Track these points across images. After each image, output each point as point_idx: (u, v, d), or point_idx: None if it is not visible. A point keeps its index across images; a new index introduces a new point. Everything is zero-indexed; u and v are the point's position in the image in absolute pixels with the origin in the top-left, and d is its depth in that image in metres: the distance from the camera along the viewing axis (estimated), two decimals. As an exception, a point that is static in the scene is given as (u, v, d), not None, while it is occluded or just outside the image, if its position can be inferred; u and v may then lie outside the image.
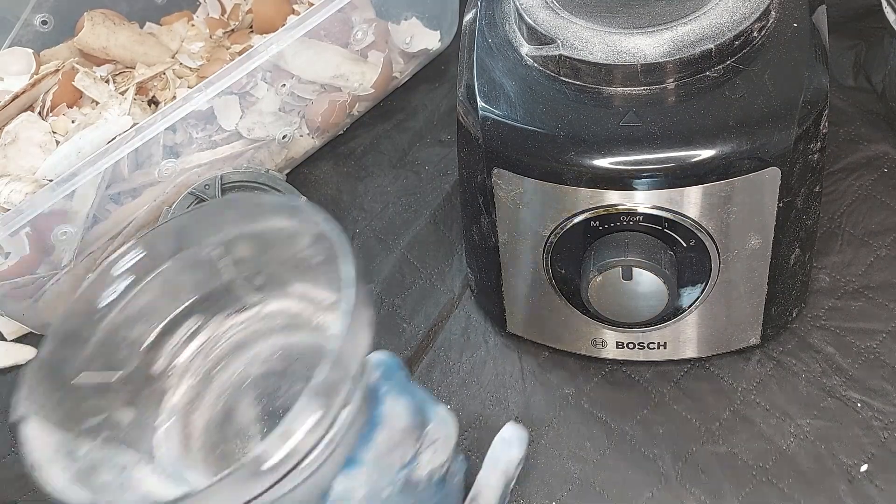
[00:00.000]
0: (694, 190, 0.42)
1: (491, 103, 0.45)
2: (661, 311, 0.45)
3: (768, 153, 0.42)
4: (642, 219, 0.43)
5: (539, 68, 0.46)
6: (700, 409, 0.50)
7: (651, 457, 0.48)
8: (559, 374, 0.53)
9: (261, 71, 0.61)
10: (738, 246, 0.45)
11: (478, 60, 0.48)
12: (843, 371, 0.50)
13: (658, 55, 0.42)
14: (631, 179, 0.42)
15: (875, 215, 0.56)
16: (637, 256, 0.43)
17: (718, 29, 0.43)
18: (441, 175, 0.66)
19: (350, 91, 0.67)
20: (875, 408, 0.48)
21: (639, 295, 0.44)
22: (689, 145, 0.42)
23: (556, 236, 0.46)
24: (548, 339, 0.53)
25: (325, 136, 0.69)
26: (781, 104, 0.42)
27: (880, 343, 0.51)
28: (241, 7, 0.74)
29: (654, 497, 0.47)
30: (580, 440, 0.50)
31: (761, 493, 0.46)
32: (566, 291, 0.48)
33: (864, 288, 0.53)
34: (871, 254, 0.55)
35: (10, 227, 0.51)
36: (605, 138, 0.42)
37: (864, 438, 0.47)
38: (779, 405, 0.49)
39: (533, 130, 0.44)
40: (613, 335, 0.50)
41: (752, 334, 0.50)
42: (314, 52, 0.63)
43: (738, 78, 0.43)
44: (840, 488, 0.45)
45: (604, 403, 0.51)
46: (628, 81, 0.43)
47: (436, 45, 0.72)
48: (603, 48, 0.43)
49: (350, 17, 0.65)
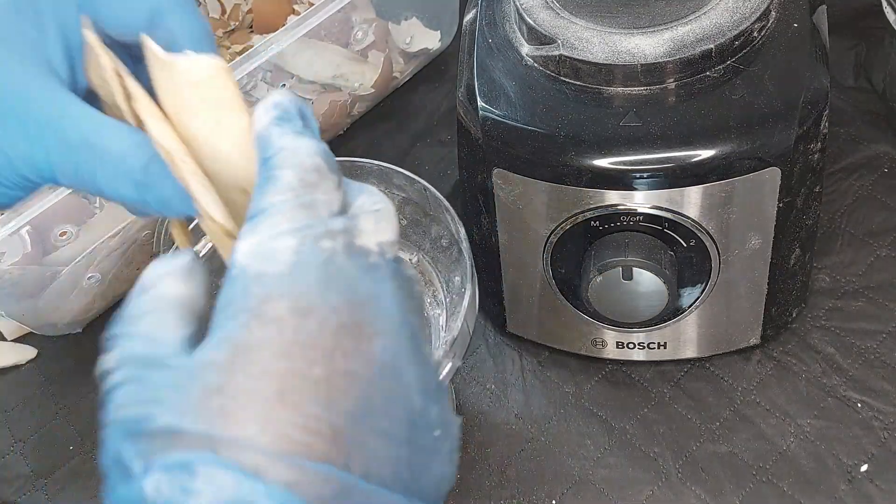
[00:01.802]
0: (694, 190, 0.42)
1: (491, 103, 0.45)
2: (662, 311, 0.45)
3: (768, 153, 0.42)
4: (642, 219, 0.43)
5: (539, 68, 0.46)
6: (700, 408, 0.50)
7: (651, 455, 0.48)
8: (559, 374, 0.53)
9: (261, 71, 0.61)
10: (739, 246, 0.45)
11: (478, 60, 0.47)
12: (844, 371, 0.50)
13: (658, 55, 0.42)
14: (631, 179, 0.42)
15: (875, 215, 0.56)
16: (637, 256, 0.43)
17: (719, 29, 0.43)
18: (441, 175, 0.66)
19: (350, 91, 0.67)
20: (875, 408, 0.48)
21: (639, 295, 0.44)
22: (690, 145, 0.42)
23: (556, 236, 0.46)
24: (548, 338, 0.53)
25: (325, 137, 0.69)
26: (782, 104, 0.42)
27: (880, 343, 0.51)
28: (240, 7, 0.74)
29: (654, 495, 0.47)
30: (580, 438, 0.50)
31: (761, 493, 0.46)
32: (566, 291, 0.48)
33: (864, 288, 0.53)
34: (872, 254, 0.55)
35: (10, 227, 0.51)
36: (605, 138, 0.42)
37: (864, 438, 0.47)
38: (779, 405, 0.49)
39: (533, 130, 0.44)
40: (614, 335, 0.50)
41: (753, 334, 0.50)
42: (314, 52, 0.63)
43: (739, 78, 0.43)
44: (840, 488, 0.46)
45: (604, 402, 0.51)
46: (628, 81, 0.43)
47: (436, 45, 0.72)
48: (603, 48, 0.43)
49: (350, 16, 0.65)
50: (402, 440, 0.25)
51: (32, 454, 0.54)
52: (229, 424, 0.22)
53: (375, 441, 0.24)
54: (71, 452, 0.54)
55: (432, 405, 0.26)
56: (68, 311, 0.58)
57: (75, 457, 0.54)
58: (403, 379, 0.26)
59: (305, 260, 0.25)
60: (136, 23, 0.30)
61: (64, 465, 0.53)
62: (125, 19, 0.30)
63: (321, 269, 0.25)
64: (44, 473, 0.53)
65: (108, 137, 0.28)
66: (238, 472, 0.22)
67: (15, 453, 0.55)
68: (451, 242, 0.46)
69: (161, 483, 0.22)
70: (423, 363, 0.27)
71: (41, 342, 0.61)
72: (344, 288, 0.25)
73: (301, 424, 0.23)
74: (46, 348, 0.61)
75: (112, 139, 0.28)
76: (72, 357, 0.59)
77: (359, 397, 0.24)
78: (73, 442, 0.55)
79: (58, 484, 0.53)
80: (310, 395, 0.23)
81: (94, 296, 0.58)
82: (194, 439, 0.22)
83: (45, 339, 0.61)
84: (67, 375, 0.59)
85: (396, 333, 0.26)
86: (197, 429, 0.22)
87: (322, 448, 0.23)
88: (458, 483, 0.49)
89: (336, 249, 0.26)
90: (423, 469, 0.26)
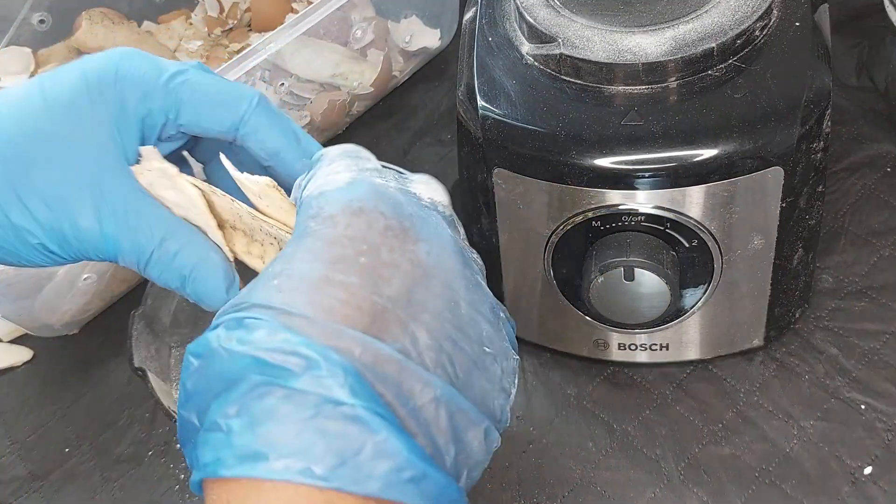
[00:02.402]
0: (696, 190, 0.42)
1: (491, 102, 0.45)
2: (664, 312, 0.45)
3: (771, 153, 0.41)
4: (644, 219, 0.43)
5: (540, 67, 0.45)
6: (703, 410, 0.49)
7: (653, 457, 0.48)
8: (561, 375, 0.52)
9: (259, 70, 0.60)
10: (741, 246, 0.44)
11: (478, 59, 0.47)
12: (847, 372, 0.49)
13: (660, 54, 0.42)
14: (633, 179, 0.42)
15: (878, 215, 0.56)
16: (639, 257, 0.43)
17: (720, 28, 0.43)
18: (441, 175, 0.64)
19: (349, 90, 0.67)
20: (878, 409, 0.48)
21: (641, 296, 0.44)
22: (692, 145, 0.41)
23: (557, 236, 0.45)
24: (549, 340, 0.52)
25: (324, 136, 0.69)
26: (784, 103, 0.42)
27: (884, 344, 0.50)
28: (239, 5, 0.73)
29: (656, 497, 0.47)
30: (582, 440, 0.49)
31: (764, 495, 0.46)
32: (568, 292, 0.48)
33: (867, 288, 0.53)
34: (875, 254, 0.54)
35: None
36: (606, 138, 0.42)
37: (867, 440, 0.47)
38: (782, 407, 0.49)
39: (534, 130, 0.43)
40: (615, 336, 0.50)
41: (755, 335, 0.50)
42: (313, 51, 0.63)
43: (741, 77, 0.43)
44: (843, 490, 0.45)
45: (606, 404, 0.51)
46: (630, 80, 0.43)
47: (436, 44, 0.72)
48: (604, 47, 0.43)
49: (349, 15, 0.65)
50: (444, 336, 0.28)
51: (29, 456, 0.54)
52: (283, 297, 0.27)
53: (416, 327, 0.27)
54: (67, 454, 0.54)
55: (482, 321, 0.30)
56: (64, 312, 0.57)
57: (72, 458, 0.54)
58: (448, 284, 0.29)
59: (360, 179, 0.30)
60: (218, 130, 0.34)
61: (60, 467, 0.53)
62: (209, 128, 0.34)
63: (373, 187, 0.30)
64: (40, 475, 0.53)
65: (179, 241, 0.33)
66: (281, 328, 0.26)
67: (11, 455, 0.54)
68: None
69: (221, 334, 0.27)
70: (471, 280, 0.30)
71: (37, 343, 0.60)
72: (393, 203, 0.30)
73: (344, 300, 0.27)
74: (42, 350, 0.60)
75: (184, 246, 0.33)
76: (68, 358, 0.59)
77: (401, 287, 0.28)
78: (70, 444, 0.54)
79: (54, 486, 0.52)
80: (355, 278, 0.27)
81: (90, 297, 0.58)
82: (253, 308, 0.27)
83: (42, 341, 0.60)
84: (64, 377, 0.58)
85: (442, 245, 0.30)
86: (258, 300, 0.27)
87: (362, 320, 0.27)
88: (458, 485, 0.49)
89: (388, 185, 0.31)
90: (469, 374, 0.28)
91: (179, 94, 0.34)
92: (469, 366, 0.28)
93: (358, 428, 0.25)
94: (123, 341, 0.48)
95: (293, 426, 0.25)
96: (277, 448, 0.25)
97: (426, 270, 0.29)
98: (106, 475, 0.52)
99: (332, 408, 0.25)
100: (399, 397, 0.26)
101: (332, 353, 0.26)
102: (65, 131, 0.32)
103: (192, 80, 0.34)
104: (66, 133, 0.32)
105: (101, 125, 0.32)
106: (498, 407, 0.30)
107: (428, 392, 0.27)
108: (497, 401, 0.30)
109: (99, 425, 0.55)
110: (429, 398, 0.27)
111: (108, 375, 0.58)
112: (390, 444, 0.25)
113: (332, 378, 0.25)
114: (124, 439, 0.54)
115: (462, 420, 0.28)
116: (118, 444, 0.54)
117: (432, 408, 0.27)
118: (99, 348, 0.59)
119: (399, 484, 0.25)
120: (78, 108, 0.32)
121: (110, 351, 0.58)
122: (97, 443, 0.54)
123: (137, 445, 0.54)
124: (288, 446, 0.25)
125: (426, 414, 0.27)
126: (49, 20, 0.71)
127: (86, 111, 0.32)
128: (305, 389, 0.25)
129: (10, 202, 0.31)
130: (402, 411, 0.26)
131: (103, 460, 0.53)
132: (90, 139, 0.32)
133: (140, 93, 0.33)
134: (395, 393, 0.26)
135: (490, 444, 0.29)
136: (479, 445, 0.28)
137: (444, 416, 0.27)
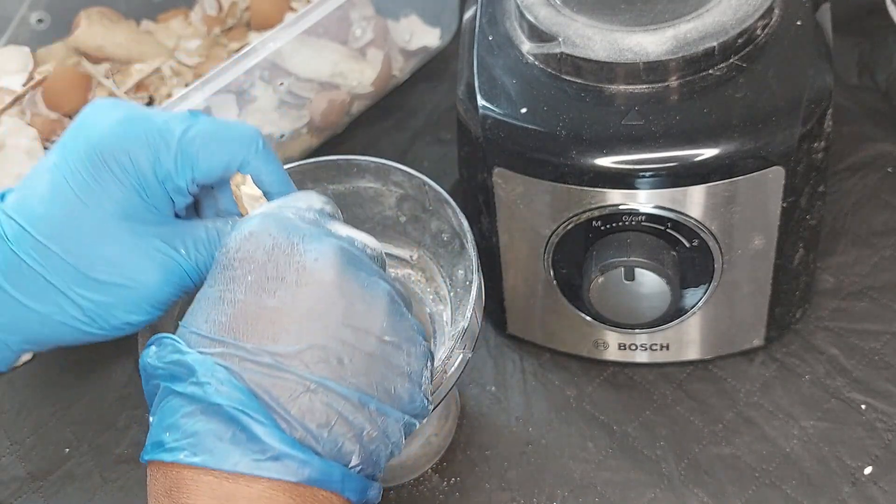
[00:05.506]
0: (697, 189, 0.42)
1: (491, 101, 0.45)
2: (664, 312, 0.45)
3: (772, 152, 0.41)
4: (645, 219, 0.43)
5: (540, 66, 0.45)
6: (703, 410, 0.49)
7: (653, 458, 0.48)
8: (560, 376, 0.52)
9: (258, 69, 0.60)
10: (742, 246, 0.44)
11: (478, 58, 0.47)
12: (847, 373, 0.49)
13: (661, 53, 0.42)
14: (633, 179, 0.42)
15: (879, 215, 0.56)
16: (639, 257, 0.43)
17: (721, 27, 0.43)
18: (441, 175, 0.65)
19: (349, 89, 0.66)
20: (879, 410, 0.48)
21: (641, 296, 0.44)
22: (692, 144, 0.41)
23: (557, 236, 0.45)
24: (549, 340, 0.52)
25: (324, 135, 0.69)
26: (785, 103, 0.42)
27: (884, 344, 0.50)
28: (238, 4, 0.73)
29: (656, 498, 0.46)
30: (582, 441, 0.49)
31: (764, 496, 0.46)
32: (568, 292, 0.48)
33: (868, 288, 0.53)
34: (876, 254, 0.54)
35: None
36: (607, 137, 0.42)
37: (867, 440, 0.47)
38: (782, 407, 0.49)
39: (534, 129, 0.43)
40: (615, 337, 0.50)
41: (756, 336, 0.49)
42: (312, 50, 0.63)
43: (742, 76, 0.42)
44: (844, 490, 0.45)
45: (606, 405, 0.51)
46: (630, 79, 0.43)
47: (436, 43, 0.72)
48: (605, 46, 0.43)
49: (349, 14, 0.65)
50: (329, 334, 0.32)
51: (28, 456, 0.54)
52: (188, 318, 0.34)
53: (297, 329, 0.32)
54: (66, 455, 0.54)
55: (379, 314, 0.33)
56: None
57: (71, 459, 0.53)
58: (338, 285, 0.33)
59: (264, 212, 0.35)
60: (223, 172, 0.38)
61: (60, 468, 0.53)
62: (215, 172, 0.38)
63: (266, 214, 0.35)
64: (39, 476, 0.53)
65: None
66: (179, 344, 0.33)
67: (10, 456, 0.54)
68: (452, 236, 0.46)
69: (148, 351, 0.34)
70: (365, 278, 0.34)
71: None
72: (283, 224, 0.34)
73: (232, 314, 0.32)
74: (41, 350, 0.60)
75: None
76: (67, 359, 0.59)
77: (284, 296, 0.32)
78: (69, 444, 0.54)
79: (53, 486, 0.52)
80: (241, 294, 0.33)
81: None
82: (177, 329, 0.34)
83: (41, 340, 0.60)
84: (64, 377, 0.58)
85: (332, 251, 0.33)
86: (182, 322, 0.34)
87: (245, 330, 0.32)
88: (459, 485, 0.49)
89: (287, 213, 0.35)
90: (365, 364, 0.33)
91: (192, 149, 0.37)
92: (362, 357, 0.33)
93: (222, 421, 0.31)
94: (123, 341, 0.48)
95: (182, 421, 0.31)
96: (169, 440, 0.31)
97: (313, 276, 0.33)
98: (106, 475, 0.52)
99: (206, 406, 0.31)
100: (270, 393, 0.31)
101: (210, 360, 0.31)
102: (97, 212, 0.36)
103: (199, 134, 0.37)
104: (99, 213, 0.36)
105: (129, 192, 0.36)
106: (404, 390, 0.34)
107: (300, 386, 0.31)
108: (402, 385, 0.34)
109: (99, 426, 0.55)
110: (301, 391, 0.31)
111: (108, 375, 0.57)
112: (248, 432, 0.31)
113: (209, 382, 0.31)
114: (124, 440, 0.54)
115: (344, 406, 0.32)
116: (118, 444, 0.54)
117: (306, 399, 0.31)
118: (99, 348, 0.59)
119: (260, 462, 0.30)
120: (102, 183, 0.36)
121: (110, 351, 0.58)
122: (97, 443, 0.54)
123: (137, 446, 0.53)
124: (176, 438, 0.31)
125: (301, 405, 0.31)
126: (47, 19, 0.71)
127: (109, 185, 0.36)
128: (188, 392, 0.31)
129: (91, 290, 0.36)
130: (275, 405, 0.31)
131: (103, 461, 0.53)
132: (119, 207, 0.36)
133: (153, 156, 0.36)
134: (269, 390, 0.31)
135: (391, 423, 0.33)
136: (372, 426, 0.33)
137: (320, 405, 0.32)
